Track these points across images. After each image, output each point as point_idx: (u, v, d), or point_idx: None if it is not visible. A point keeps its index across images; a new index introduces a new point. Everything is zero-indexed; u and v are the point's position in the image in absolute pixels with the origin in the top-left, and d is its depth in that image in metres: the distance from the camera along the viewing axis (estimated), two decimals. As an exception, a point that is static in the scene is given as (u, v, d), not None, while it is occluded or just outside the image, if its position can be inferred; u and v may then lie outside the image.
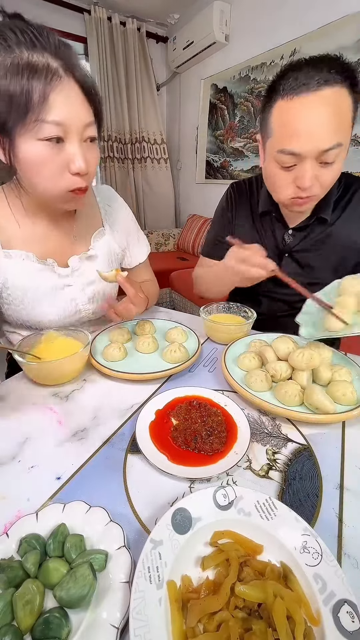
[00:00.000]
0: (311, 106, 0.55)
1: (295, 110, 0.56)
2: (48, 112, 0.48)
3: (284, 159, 0.60)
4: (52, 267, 0.67)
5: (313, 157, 0.58)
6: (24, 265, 0.64)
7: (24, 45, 0.46)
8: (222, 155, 2.72)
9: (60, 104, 0.49)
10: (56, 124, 0.49)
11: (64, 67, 0.49)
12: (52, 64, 0.48)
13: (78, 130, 0.52)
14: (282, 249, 0.79)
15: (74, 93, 0.50)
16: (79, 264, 0.71)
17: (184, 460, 0.41)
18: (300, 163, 0.59)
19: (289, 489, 0.39)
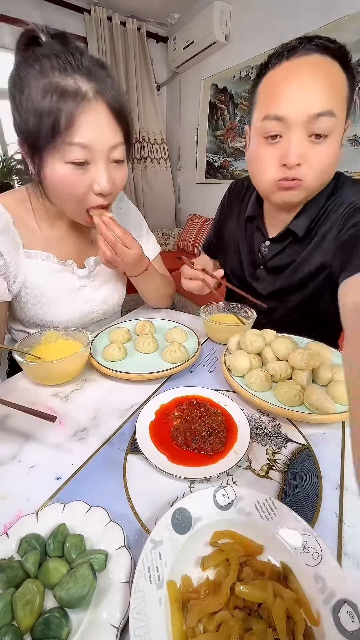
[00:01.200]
0: (300, 68, 0.51)
1: (281, 75, 0.53)
2: (75, 135, 0.49)
3: (268, 126, 0.54)
4: (72, 269, 0.68)
5: (301, 126, 0.52)
6: (44, 266, 0.65)
7: (57, 69, 0.48)
8: (222, 155, 2.72)
9: (87, 127, 0.50)
10: (82, 147, 0.50)
11: (95, 90, 0.50)
12: (82, 87, 0.49)
13: (104, 152, 0.53)
14: (258, 259, 0.77)
15: (102, 115, 0.51)
16: (94, 265, 0.73)
17: (184, 460, 0.41)
18: (287, 133, 0.54)
19: (289, 489, 0.39)
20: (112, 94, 0.52)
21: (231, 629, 0.25)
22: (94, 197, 0.56)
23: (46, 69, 0.47)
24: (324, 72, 0.51)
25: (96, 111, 0.50)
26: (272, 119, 0.54)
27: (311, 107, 0.51)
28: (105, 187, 0.54)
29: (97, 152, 0.52)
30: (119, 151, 0.55)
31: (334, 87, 0.51)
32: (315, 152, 0.54)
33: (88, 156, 0.52)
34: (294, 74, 0.52)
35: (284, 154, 0.55)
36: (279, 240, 0.71)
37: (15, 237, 0.62)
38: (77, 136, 0.49)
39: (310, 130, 0.52)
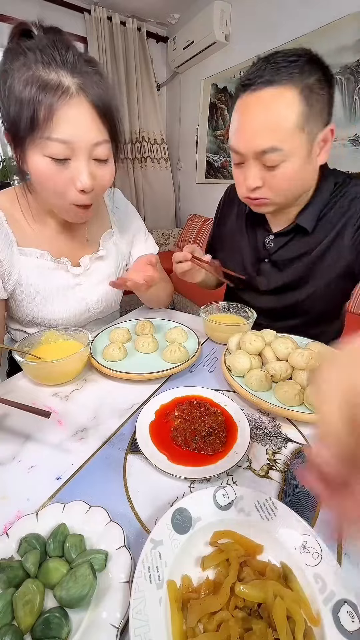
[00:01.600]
0: (249, 105, 0.55)
1: (239, 108, 0.57)
2: (54, 130, 0.49)
3: (233, 155, 0.61)
4: (66, 266, 0.68)
5: (253, 157, 0.57)
6: (39, 264, 0.65)
7: (40, 62, 0.47)
8: (222, 155, 2.72)
9: (68, 123, 0.49)
10: (62, 142, 0.49)
11: (78, 86, 0.49)
12: (64, 82, 0.48)
13: (86, 149, 0.52)
14: (262, 253, 0.77)
15: (85, 112, 0.50)
16: (89, 264, 0.72)
17: (184, 460, 0.41)
18: (246, 162, 0.59)
19: (289, 489, 0.39)
20: (96, 91, 0.50)
21: (231, 629, 0.25)
22: (75, 194, 0.55)
23: (30, 62, 0.47)
24: (273, 110, 0.53)
25: (78, 107, 0.49)
26: (234, 151, 0.60)
27: (256, 145, 0.55)
28: (85, 184, 0.53)
29: (79, 148, 0.51)
30: (102, 149, 0.54)
31: (281, 121, 0.53)
32: (271, 176, 0.58)
33: (68, 152, 0.51)
34: (245, 111, 0.56)
35: (245, 177, 0.60)
36: (285, 234, 0.72)
37: (8, 234, 0.62)
38: (56, 131, 0.49)
39: (263, 162, 0.57)
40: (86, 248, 0.74)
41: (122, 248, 0.82)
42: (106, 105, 0.52)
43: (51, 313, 0.69)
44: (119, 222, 0.82)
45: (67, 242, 0.70)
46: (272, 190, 0.60)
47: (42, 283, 0.66)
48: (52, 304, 0.68)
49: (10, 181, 2.32)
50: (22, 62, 0.47)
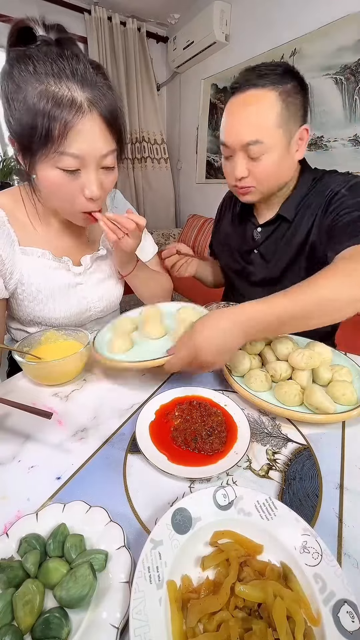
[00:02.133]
0: (236, 105, 0.65)
1: (227, 108, 0.68)
2: (68, 146, 0.49)
3: (223, 150, 0.71)
4: (67, 265, 0.68)
5: (240, 149, 0.66)
6: (40, 263, 0.66)
7: (52, 75, 0.47)
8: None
9: (80, 138, 0.50)
10: (74, 157, 0.51)
11: (89, 101, 0.49)
12: (76, 98, 0.48)
13: (95, 160, 0.53)
14: (251, 244, 0.84)
15: (96, 126, 0.51)
16: (90, 263, 0.73)
17: (184, 460, 0.41)
18: (233, 155, 0.68)
19: (289, 489, 0.39)
20: (105, 103, 0.51)
21: (231, 629, 0.25)
22: (84, 202, 0.57)
23: (41, 74, 0.47)
24: (257, 107, 0.62)
25: (90, 123, 0.50)
26: (223, 145, 0.70)
27: (242, 137, 0.64)
28: (95, 194, 0.55)
29: (89, 160, 0.52)
30: (109, 159, 0.55)
31: (260, 119, 0.63)
32: (255, 166, 0.67)
33: (79, 165, 0.52)
34: (232, 109, 0.66)
35: (234, 168, 0.69)
36: (270, 224, 0.79)
37: (10, 234, 0.62)
38: (70, 147, 0.49)
39: (248, 154, 0.66)
40: (87, 247, 0.74)
41: None
42: (114, 116, 0.53)
43: (52, 312, 0.69)
44: None
45: (68, 241, 0.70)
46: (256, 179, 0.69)
47: (44, 282, 0.66)
48: (54, 303, 0.69)
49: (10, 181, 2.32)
50: (31, 73, 0.47)
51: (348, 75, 1.65)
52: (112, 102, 0.52)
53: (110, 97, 0.52)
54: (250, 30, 2.18)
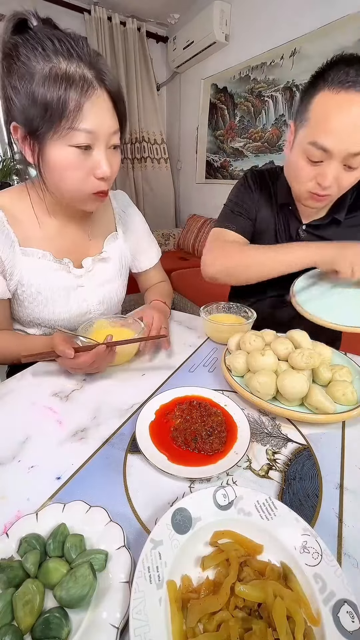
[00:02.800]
0: (354, 105, 0.54)
1: (337, 105, 0.55)
2: (81, 121, 0.50)
3: (313, 153, 0.60)
4: (68, 267, 0.68)
5: (341, 158, 0.58)
6: (41, 264, 0.65)
7: (61, 54, 0.48)
8: (222, 155, 2.72)
9: (93, 114, 0.51)
10: (87, 132, 0.52)
11: (97, 78, 0.51)
12: (87, 75, 0.49)
13: (105, 138, 0.54)
14: None
15: (105, 103, 0.53)
16: (92, 266, 0.72)
17: (184, 460, 0.41)
18: (328, 161, 0.60)
19: (289, 489, 0.39)
20: (110, 81, 0.53)
21: (231, 629, 0.25)
22: (95, 182, 0.57)
23: (49, 53, 0.48)
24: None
25: (101, 99, 0.51)
26: (318, 148, 0.59)
27: (354, 146, 0.56)
28: (106, 172, 0.56)
29: (100, 137, 0.53)
30: (117, 137, 0.57)
31: None
32: (346, 176, 0.61)
33: (91, 141, 0.53)
34: (347, 111, 0.55)
35: (321, 176, 0.62)
36: (318, 225, 0.75)
37: (9, 235, 0.62)
38: (83, 122, 0.50)
39: (347, 162, 0.59)
40: (89, 249, 0.74)
41: (125, 252, 0.82)
42: (119, 94, 0.55)
43: (52, 314, 0.69)
44: (125, 225, 0.82)
45: (69, 242, 0.70)
46: (339, 188, 0.63)
47: (44, 284, 0.66)
48: (53, 305, 0.68)
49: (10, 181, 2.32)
50: (41, 53, 0.47)
51: (348, 75, 1.65)
52: (116, 81, 0.54)
53: (114, 76, 0.54)
54: (250, 30, 2.18)
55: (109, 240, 0.77)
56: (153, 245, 0.90)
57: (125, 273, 0.83)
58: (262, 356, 0.53)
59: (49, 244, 0.66)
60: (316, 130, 0.58)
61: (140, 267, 0.88)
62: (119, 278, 0.80)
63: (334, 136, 0.56)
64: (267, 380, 0.50)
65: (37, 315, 0.68)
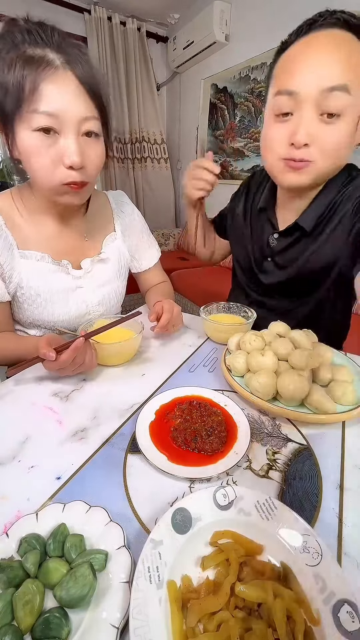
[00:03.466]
0: (316, 41, 0.50)
1: (298, 49, 0.52)
2: (39, 103, 0.49)
3: (279, 103, 0.54)
4: (67, 269, 0.68)
5: (312, 103, 0.51)
6: (39, 266, 0.65)
7: (27, 42, 0.48)
8: (222, 155, 2.72)
9: (53, 95, 0.49)
10: (47, 115, 0.50)
11: (63, 61, 0.50)
12: (49, 56, 0.49)
13: (73, 124, 0.52)
14: (266, 251, 0.77)
15: (71, 86, 0.51)
16: (90, 266, 0.72)
17: (184, 460, 0.41)
18: (297, 111, 0.53)
19: (289, 489, 0.39)
20: (83, 68, 0.51)
21: (231, 629, 0.25)
22: (64, 171, 0.54)
23: (17, 42, 0.48)
24: (342, 47, 0.49)
25: (64, 80, 0.50)
26: (283, 94, 0.53)
27: (324, 80, 0.49)
28: (75, 160, 0.52)
29: (66, 122, 0.51)
30: (91, 124, 0.54)
31: (351, 63, 0.49)
32: (325, 132, 0.53)
33: (55, 125, 0.51)
34: (310, 47, 0.51)
35: (293, 133, 0.54)
36: (288, 234, 0.71)
37: (7, 237, 0.61)
38: (42, 104, 0.49)
39: (322, 108, 0.51)
40: (88, 250, 0.73)
41: (124, 252, 0.82)
42: (93, 83, 0.53)
43: (51, 315, 0.69)
44: (124, 226, 0.82)
45: (68, 243, 0.70)
46: (320, 150, 0.54)
47: (43, 286, 0.66)
48: (52, 307, 0.68)
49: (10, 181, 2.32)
50: (9, 44, 0.48)
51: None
52: (91, 70, 0.52)
53: (88, 65, 0.52)
54: (250, 30, 2.19)
55: (107, 241, 0.77)
56: (152, 245, 0.90)
57: (124, 273, 0.83)
58: (262, 356, 0.53)
59: (47, 245, 0.66)
60: (280, 80, 0.54)
61: (140, 267, 0.88)
62: (118, 278, 0.80)
63: (299, 75, 0.51)
64: (267, 380, 0.50)
65: (36, 317, 0.68)
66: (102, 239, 0.76)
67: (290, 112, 0.54)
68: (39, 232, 0.66)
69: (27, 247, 0.64)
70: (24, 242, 0.64)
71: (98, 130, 0.56)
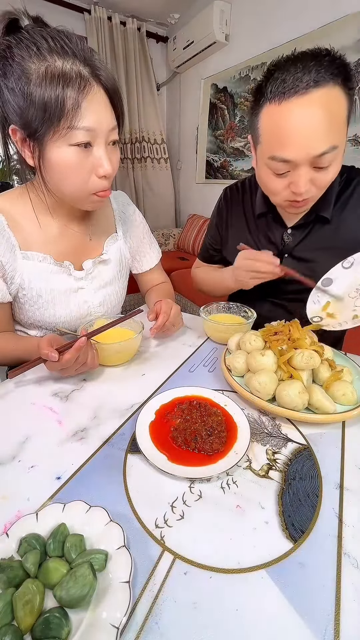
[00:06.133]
0: (301, 111, 0.52)
1: (284, 116, 0.53)
2: (80, 120, 0.50)
3: (276, 166, 0.58)
4: (69, 270, 0.68)
5: (307, 163, 0.55)
6: (41, 267, 0.65)
7: (55, 52, 0.48)
8: (222, 155, 2.72)
9: (91, 111, 0.51)
10: (87, 130, 0.51)
11: (93, 74, 0.50)
12: (83, 72, 0.49)
13: (104, 135, 0.54)
14: (282, 249, 0.77)
15: (102, 99, 0.52)
16: (92, 268, 0.72)
17: (184, 460, 0.41)
18: (294, 169, 0.57)
19: (289, 489, 0.39)
20: (106, 77, 0.52)
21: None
22: (96, 181, 0.57)
23: (44, 53, 0.47)
24: (327, 109, 0.51)
25: (98, 95, 0.51)
26: (279, 161, 0.57)
27: (316, 149, 0.53)
28: (108, 170, 0.55)
29: (99, 135, 0.53)
30: (115, 133, 0.56)
31: (336, 120, 0.53)
32: (321, 175, 0.57)
33: (91, 138, 0.52)
34: (293, 115, 0.53)
35: (294, 184, 0.58)
36: (303, 227, 0.73)
37: (10, 238, 0.61)
38: (82, 120, 0.50)
39: (316, 164, 0.56)
40: (89, 251, 0.73)
41: (125, 253, 0.82)
42: (115, 89, 0.54)
43: (52, 316, 0.69)
44: (125, 226, 0.82)
45: (69, 244, 0.70)
46: (318, 188, 0.60)
47: (44, 287, 0.66)
48: (54, 308, 0.68)
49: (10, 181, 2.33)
50: (35, 52, 0.47)
51: (348, 75, 1.65)
52: (112, 76, 0.54)
53: (109, 72, 0.53)
54: (250, 30, 2.19)
55: (109, 242, 0.77)
56: (153, 246, 0.90)
57: (125, 274, 0.83)
58: (262, 356, 0.53)
59: (49, 246, 0.66)
60: (271, 146, 0.57)
61: (141, 268, 0.88)
62: (119, 279, 0.80)
63: (291, 146, 0.54)
64: (267, 380, 0.50)
65: (38, 318, 0.68)
66: (104, 240, 0.76)
67: (287, 170, 0.58)
68: (42, 233, 0.66)
69: (29, 248, 0.64)
70: (26, 243, 0.64)
71: (117, 137, 0.58)
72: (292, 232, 0.75)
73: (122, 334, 0.66)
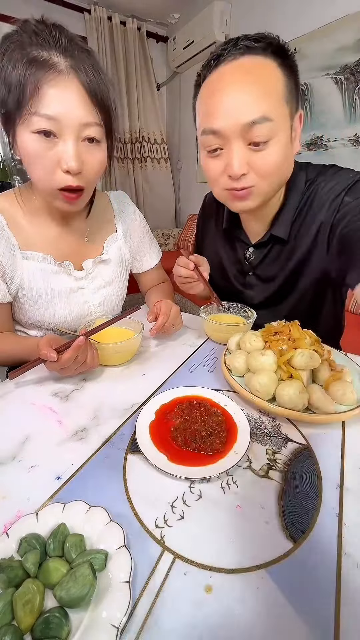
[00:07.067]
0: (228, 76, 0.50)
1: (212, 85, 0.52)
2: (40, 105, 0.49)
3: (207, 141, 0.55)
4: (69, 270, 0.68)
5: (238, 136, 0.51)
6: (41, 267, 0.65)
7: (34, 44, 0.48)
8: (222, 155, 2.72)
9: (56, 100, 0.49)
10: (47, 118, 0.49)
11: (68, 65, 0.49)
12: (54, 60, 0.48)
13: (73, 129, 0.51)
14: (246, 267, 0.76)
15: (74, 90, 0.50)
16: (92, 268, 0.72)
17: (184, 460, 0.41)
18: (226, 145, 0.53)
19: (289, 489, 0.39)
20: (87, 73, 0.51)
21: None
22: (62, 176, 0.54)
23: (24, 44, 0.48)
24: (257, 76, 0.49)
25: (67, 85, 0.49)
26: (209, 134, 0.54)
27: (243, 116, 0.49)
28: (72, 165, 0.52)
29: (66, 127, 0.51)
30: (93, 130, 0.53)
31: (266, 89, 0.50)
32: (258, 158, 0.53)
33: (55, 129, 0.50)
34: (221, 83, 0.51)
35: (228, 166, 0.54)
36: (263, 245, 0.71)
37: (10, 238, 0.61)
38: (43, 107, 0.49)
39: (248, 139, 0.51)
40: (89, 251, 0.73)
41: (125, 253, 0.82)
42: (98, 89, 0.52)
43: (53, 316, 0.69)
44: (125, 226, 0.82)
45: (69, 244, 0.70)
46: (258, 174, 0.54)
47: (44, 287, 0.66)
48: (54, 308, 0.68)
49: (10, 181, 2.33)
50: (16, 44, 0.48)
51: (348, 75, 1.65)
52: (98, 77, 0.52)
53: (95, 71, 0.52)
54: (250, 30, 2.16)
55: (109, 242, 0.77)
56: (153, 246, 0.90)
57: (125, 274, 0.83)
58: (262, 356, 0.53)
59: (49, 246, 0.66)
60: (202, 118, 0.55)
61: (141, 268, 0.88)
62: (119, 279, 0.80)
63: (219, 114, 0.51)
64: (267, 380, 0.50)
65: (38, 318, 0.68)
66: (104, 240, 0.76)
67: (220, 147, 0.54)
68: (42, 233, 0.66)
69: (29, 248, 0.64)
70: (26, 243, 0.64)
71: (99, 136, 0.55)
72: (254, 251, 0.73)
73: (122, 334, 0.66)
